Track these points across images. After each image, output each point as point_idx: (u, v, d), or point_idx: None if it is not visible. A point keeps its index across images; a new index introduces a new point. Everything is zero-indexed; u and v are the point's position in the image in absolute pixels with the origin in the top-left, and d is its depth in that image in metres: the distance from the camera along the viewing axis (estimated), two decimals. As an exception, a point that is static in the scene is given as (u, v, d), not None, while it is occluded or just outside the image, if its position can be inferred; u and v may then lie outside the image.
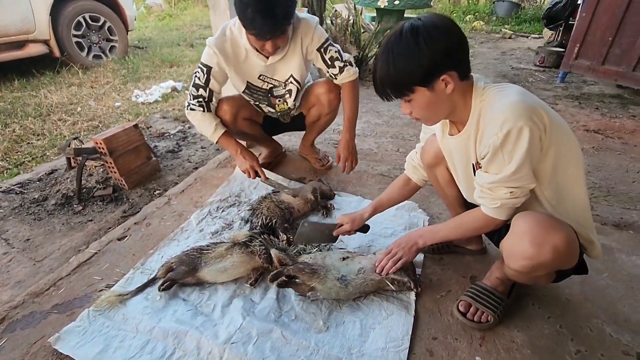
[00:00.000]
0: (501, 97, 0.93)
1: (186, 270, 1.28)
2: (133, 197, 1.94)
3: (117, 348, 1.08)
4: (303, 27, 1.60)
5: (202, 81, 1.63)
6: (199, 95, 1.65)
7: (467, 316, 1.17)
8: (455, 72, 0.93)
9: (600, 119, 3.03)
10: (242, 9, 1.36)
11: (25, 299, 1.24)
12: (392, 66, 0.94)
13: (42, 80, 3.85)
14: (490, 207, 1.01)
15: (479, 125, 0.98)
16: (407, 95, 0.98)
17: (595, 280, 1.34)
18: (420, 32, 0.89)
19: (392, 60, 0.93)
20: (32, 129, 2.72)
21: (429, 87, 0.94)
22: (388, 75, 0.96)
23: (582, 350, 1.10)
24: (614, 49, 3.33)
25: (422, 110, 1.01)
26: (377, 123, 2.97)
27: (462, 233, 1.16)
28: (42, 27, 3.80)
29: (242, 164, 1.73)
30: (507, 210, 1.00)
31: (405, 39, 0.90)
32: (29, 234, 1.66)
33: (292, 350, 1.09)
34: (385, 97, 1.01)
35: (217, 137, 1.70)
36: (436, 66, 0.91)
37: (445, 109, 1.01)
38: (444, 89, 0.94)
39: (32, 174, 2.12)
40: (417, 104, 0.99)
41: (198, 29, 7.25)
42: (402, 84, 0.96)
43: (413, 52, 0.90)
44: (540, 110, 0.90)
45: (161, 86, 3.70)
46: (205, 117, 1.68)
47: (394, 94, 0.99)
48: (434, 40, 0.89)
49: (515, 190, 0.95)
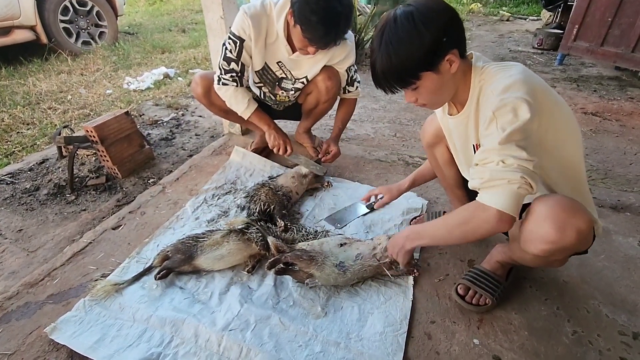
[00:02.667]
0: (501, 76, 0.90)
1: (182, 259, 1.26)
2: (127, 186, 1.91)
3: (114, 337, 1.07)
4: (342, 40, 1.60)
5: (234, 54, 1.56)
6: (231, 70, 1.60)
7: (465, 299, 1.17)
8: (457, 49, 0.90)
9: (598, 101, 3.01)
10: (307, 14, 1.33)
11: (19, 290, 1.23)
12: (393, 57, 0.89)
13: (30, 67, 3.75)
14: (479, 186, 0.87)
15: (479, 105, 0.96)
16: (413, 84, 0.93)
17: (593, 262, 1.34)
18: (415, 17, 0.86)
19: (392, 50, 0.89)
20: (21, 118, 2.66)
21: (435, 70, 0.91)
22: (390, 67, 0.91)
23: (579, 331, 1.11)
24: (613, 30, 3.28)
25: (430, 95, 0.97)
26: (374, 108, 2.93)
27: (449, 233, 0.97)
28: (27, 13, 3.68)
29: (272, 140, 1.74)
30: (500, 191, 0.82)
31: (402, 26, 0.87)
32: (22, 224, 1.64)
33: (291, 336, 1.09)
34: (389, 91, 0.97)
35: (249, 113, 1.69)
36: (440, 46, 0.88)
37: (451, 90, 0.99)
38: (449, 69, 0.92)
39: (23, 164, 2.07)
40: (424, 89, 0.95)
41: (190, 13, 7.08)
42: (408, 73, 0.91)
43: (414, 37, 0.86)
44: (539, 93, 0.87)
45: (153, 73, 3.62)
46: (237, 93, 1.65)
47: (400, 85, 0.95)
48: (431, 21, 0.86)
49: (508, 161, 0.80)
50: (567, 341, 1.08)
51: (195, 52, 4.46)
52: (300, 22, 1.37)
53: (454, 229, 0.95)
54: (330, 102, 1.82)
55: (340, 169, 1.95)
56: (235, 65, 1.59)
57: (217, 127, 2.61)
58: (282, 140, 1.74)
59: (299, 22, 1.38)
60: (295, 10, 1.37)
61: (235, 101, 1.67)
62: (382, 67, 0.92)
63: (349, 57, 1.69)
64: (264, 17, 1.53)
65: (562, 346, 1.06)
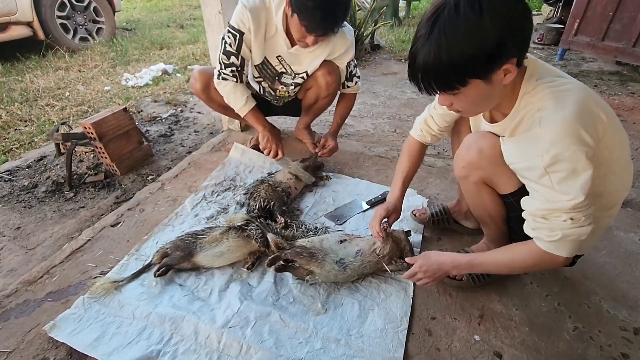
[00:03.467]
0: (553, 110, 0.76)
1: (182, 256, 1.26)
2: (125, 183, 1.90)
3: (113, 334, 1.07)
4: (342, 35, 1.59)
5: (234, 48, 1.54)
6: (231, 64, 1.58)
7: None
8: (517, 57, 0.74)
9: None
10: (303, 1, 1.31)
11: (18, 288, 1.22)
12: (445, 52, 0.71)
13: (27, 64, 3.72)
14: (547, 240, 0.84)
15: (518, 127, 0.87)
16: (457, 89, 0.77)
17: (594, 258, 1.33)
18: (484, 5, 0.67)
19: (445, 44, 0.70)
20: (19, 115, 2.64)
21: (487, 79, 0.75)
22: (437, 64, 0.73)
23: (580, 327, 1.10)
24: (614, 25, 3.26)
25: (470, 104, 0.84)
26: (373, 104, 2.91)
27: (511, 270, 1.02)
28: (24, 9, 3.65)
29: (265, 142, 1.74)
30: (570, 244, 0.83)
31: (465, 16, 0.68)
32: (20, 222, 1.63)
33: (291, 332, 1.08)
34: (426, 91, 0.81)
35: (246, 111, 1.69)
36: (502, 49, 0.70)
37: (495, 102, 0.86)
38: (502, 80, 0.76)
39: (21, 161, 2.06)
40: (466, 97, 0.80)
41: (188, 9, 7.03)
42: (455, 76, 0.75)
43: (475, 34, 0.68)
44: (597, 122, 0.77)
45: (151, 69, 3.59)
46: (237, 89, 1.64)
47: (442, 88, 0.79)
48: (500, 15, 0.67)
49: (576, 217, 0.79)
50: (568, 337, 1.07)
51: (194, 48, 4.43)
52: (298, 9, 1.36)
53: (516, 269, 1.01)
54: (330, 97, 1.80)
55: (340, 165, 1.94)
56: (235, 59, 1.57)
57: (216, 124, 2.60)
58: (275, 143, 1.74)
59: (296, 10, 1.36)
60: (296, 1, 1.35)
61: (233, 97, 1.66)
62: (425, 61, 0.75)
63: (348, 52, 1.67)
64: (263, 10, 1.51)
65: (563, 342, 1.06)
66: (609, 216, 0.96)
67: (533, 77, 0.82)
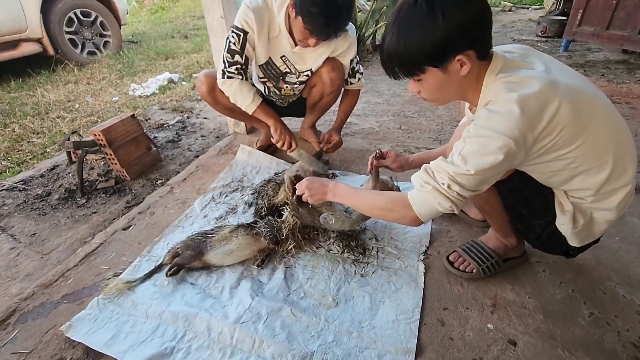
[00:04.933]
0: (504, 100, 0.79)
1: (192, 255, 1.27)
2: (136, 188, 1.94)
3: (128, 333, 1.09)
4: (344, 32, 1.60)
5: (238, 46, 1.56)
6: (236, 62, 1.58)
7: (454, 265, 1.23)
8: (473, 50, 0.81)
9: (606, 85, 2.96)
10: (308, 6, 1.34)
11: (35, 291, 1.25)
12: (402, 41, 0.82)
13: (38, 79, 3.82)
14: (417, 187, 0.91)
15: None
16: (417, 75, 0.87)
17: (607, 244, 1.31)
18: (436, 2, 0.77)
19: (402, 33, 0.81)
20: (31, 128, 2.71)
21: (442, 68, 0.83)
22: (397, 52, 0.84)
23: (596, 312, 1.08)
24: (618, 13, 3.22)
25: (432, 92, 0.92)
26: (377, 102, 2.92)
27: (370, 208, 1.06)
28: (33, 26, 3.76)
29: (278, 134, 1.73)
30: (427, 204, 0.89)
31: (420, 10, 0.78)
32: (35, 228, 1.67)
33: (303, 326, 1.09)
34: (392, 75, 0.91)
35: (254, 107, 1.68)
36: (452, 44, 0.79)
37: (457, 92, 0.92)
38: (459, 70, 0.83)
39: (34, 171, 2.11)
40: (427, 84, 0.89)
41: (191, 20, 7.15)
42: (412, 63, 0.85)
43: (427, 26, 0.78)
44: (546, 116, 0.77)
45: (157, 78, 3.66)
46: (242, 86, 1.64)
47: (403, 73, 0.89)
48: (453, 14, 0.76)
49: (454, 187, 0.84)
50: (584, 323, 1.06)
51: (198, 57, 4.50)
52: (302, 13, 1.37)
53: (374, 209, 1.05)
54: (335, 94, 1.81)
55: (346, 163, 1.95)
56: (239, 58, 1.58)
57: (222, 128, 2.63)
58: (287, 135, 1.74)
59: (301, 14, 1.38)
60: (296, 1, 1.37)
61: (240, 95, 1.65)
62: (388, 48, 0.86)
63: (351, 49, 1.69)
64: (265, 10, 1.54)
65: (579, 328, 1.04)
66: (605, 209, 0.92)
67: (494, 72, 0.86)
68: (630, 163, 0.89)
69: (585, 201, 0.93)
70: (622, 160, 0.87)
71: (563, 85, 0.81)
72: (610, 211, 0.92)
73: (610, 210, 0.92)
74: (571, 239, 0.99)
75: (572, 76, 0.88)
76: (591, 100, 0.84)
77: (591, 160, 0.85)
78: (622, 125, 0.89)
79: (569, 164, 0.86)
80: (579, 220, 0.95)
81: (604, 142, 0.85)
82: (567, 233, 0.98)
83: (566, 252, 1.07)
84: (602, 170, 0.86)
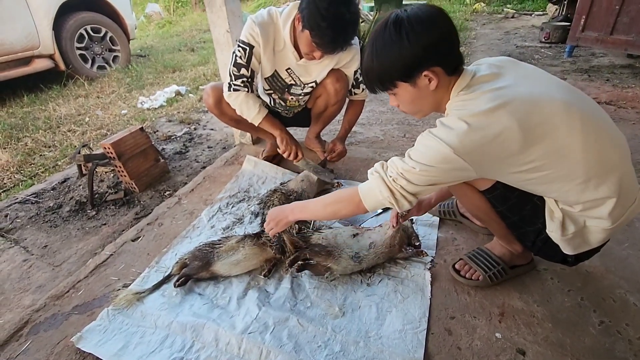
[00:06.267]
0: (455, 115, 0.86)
1: (200, 265, 1.29)
2: (144, 199, 1.97)
3: (137, 344, 1.10)
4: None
5: (244, 60, 1.59)
6: (242, 75, 1.62)
7: (460, 273, 1.23)
8: (440, 67, 0.90)
9: (611, 90, 2.94)
10: (317, 20, 1.36)
11: (46, 302, 1.27)
12: (375, 59, 0.93)
13: (50, 94, 3.92)
14: (368, 176, 1.00)
15: None
16: (391, 90, 0.97)
17: (616, 251, 1.30)
18: (403, 25, 0.87)
19: (375, 52, 0.92)
20: (43, 142, 2.78)
21: (411, 83, 0.93)
22: (372, 68, 0.95)
23: (606, 321, 1.07)
24: (622, 18, 3.22)
25: (407, 104, 1.01)
26: (381, 111, 2.94)
27: (323, 207, 1.12)
28: (46, 42, 3.87)
29: (284, 145, 1.77)
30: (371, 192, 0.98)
31: (389, 32, 0.89)
32: (46, 240, 1.70)
33: (310, 336, 1.09)
34: (371, 90, 1.02)
35: (260, 118, 1.71)
36: (418, 61, 0.89)
37: (431, 104, 1.00)
38: (427, 85, 0.92)
39: (46, 184, 2.16)
40: (401, 98, 0.99)
41: (198, 33, 7.30)
42: (386, 78, 0.95)
43: (395, 46, 0.88)
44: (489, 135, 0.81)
45: (165, 91, 3.73)
46: (249, 98, 1.67)
47: (379, 87, 0.99)
48: (417, 34, 0.86)
49: (400, 181, 0.92)
50: (594, 332, 1.04)
51: (205, 69, 4.59)
52: (310, 27, 1.40)
53: (327, 207, 1.11)
54: (339, 104, 1.84)
55: (351, 172, 1.96)
56: (245, 71, 1.61)
57: (228, 139, 2.67)
58: (293, 145, 1.77)
59: (308, 27, 1.41)
60: (304, 15, 1.40)
61: (246, 107, 1.67)
62: (365, 65, 0.97)
63: (354, 60, 1.71)
64: (271, 25, 1.58)
65: (589, 337, 1.03)
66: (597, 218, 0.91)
67: (458, 88, 0.93)
68: (611, 174, 0.86)
69: (574, 209, 0.93)
70: (597, 169, 0.85)
71: (520, 99, 0.83)
72: (604, 220, 0.90)
73: (603, 218, 0.90)
74: (563, 247, 0.98)
75: (543, 87, 0.89)
76: (559, 111, 0.83)
77: (560, 169, 0.85)
78: (601, 133, 0.86)
79: (533, 173, 0.87)
80: (569, 227, 0.94)
81: (572, 152, 0.84)
82: (557, 240, 0.98)
83: (564, 260, 1.05)
84: (574, 179, 0.86)
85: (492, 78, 0.92)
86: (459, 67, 0.94)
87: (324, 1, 1.34)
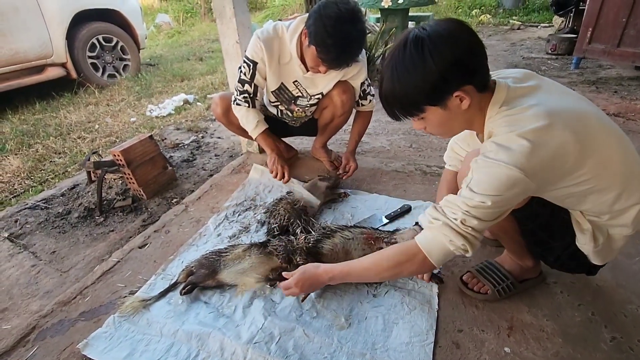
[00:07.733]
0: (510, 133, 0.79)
1: (206, 274, 1.29)
2: (152, 207, 1.98)
3: (142, 352, 1.10)
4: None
5: (248, 77, 1.67)
6: (245, 91, 1.71)
7: (468, 286, 1.20)
8: (471, 85, 0.83)
9: (619, 102, 2.93)
10: (323, 37, 1.39)
11: (53, 308, 1.28)
12: (397, 84, 0.84)
13: (61, 101, 4.00)
14: (426, 224, 0.90)
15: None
16: (417, 115, 0.89)
17: (627, 265, 1.28)
18: (425, 44, 0.79)
19: (396, 77, 0.84)
20: (53, 148, 2.82)
21: (442, 105, 0.85)
22: (394, 94, 0.87)
23: (618, 337, 1.05)
24: (628, 30, 3.23)
25: (436, 127, 0.93)
26: (388, 121, 2.95)
27: (377, 273, 1.02)
28: (59, 51, 3.96)
29: (272, 164, 1.83)
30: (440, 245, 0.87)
31: (410, 54, 0.81)
32: (55, 246, 1.72)
33: (315, 347, 1.08)
34: (393, 117, 0.93)
35: (257, 133, 1.79)
36: (447, 82, 0.81)
37: (461, 124, 0.94)
38: (459, 105, 0.84)
39: (56, 190, 2.19)
40: (430, 122, 0.91)
41: (206, 42, 7.41)
42: (411, 104, 0.87)
43: (419, 69, 0.80)
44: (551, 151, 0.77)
45: (173, 99, 3.79)
46: (249, 113, 1.76)
47: (403, 114, 0.91)
48: (441, 54, 0.78)
49: (469, 221, 0.82)
50: (605, 348, 1.02)
51: (213, 78, 4.65)
52: (316, 43, 1.43)
53: (383, 272, 1.00)
54: (346, 115, 1.85)
55: (358, 182, 1.96)
56: (249, 87, 1.69)
57: (235, 147, 2.69)
58: (281, 166, 1.82)
59: (314, 43, 1.44)
60: (311, 32, 1.43)
61: (246, 121, 1.78)
62: (385, 92, 0.89)
63: (361, 72, 1.73)
64: (275, 39, 1.61)
65: (600, 353, 1.01)
66: (621, 226, 0.91)
67: (497, 103, 0.86)
68: (637, 182, 0.88)
69: (601, 219, 0.92)
70: (631, 179, 0.87)
71: (566, 113, 0.81)
72: (626, 227, 0.91)
73: (626, 226, 0.91)
74: (593, 258, 0.98)
75: (574, 100, 0.89)
76: (596, 123, 0.84)
77: (601, 181, 0.85)
78: (627, 144, 0.89)
79: (580, 186, 0.86)
80: (599, 238, 0.93)
81: (612, 164, 0.85)
82: (589, 252, 0.97)
83: (588, 271, 1.05)
84: (612, 190, 0.86)
85: (528, 91, 0.86)
86: (488, 82, 0.88)
87: (330, 19, 1.36)
